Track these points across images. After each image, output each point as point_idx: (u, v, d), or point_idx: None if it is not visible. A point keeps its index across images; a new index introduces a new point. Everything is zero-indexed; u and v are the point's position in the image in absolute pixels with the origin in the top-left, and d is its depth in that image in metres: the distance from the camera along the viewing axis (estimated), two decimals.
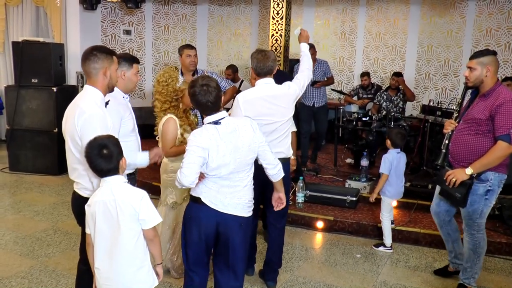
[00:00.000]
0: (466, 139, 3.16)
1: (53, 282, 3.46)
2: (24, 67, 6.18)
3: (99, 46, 2.54)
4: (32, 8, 7.60)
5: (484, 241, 3.30)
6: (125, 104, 2.95)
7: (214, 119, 2.49)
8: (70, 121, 2.39)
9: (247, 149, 2.51)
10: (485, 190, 3.14)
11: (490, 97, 3.08)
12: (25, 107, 6.25)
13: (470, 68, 3.15)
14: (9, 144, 6.43)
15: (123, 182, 2.25)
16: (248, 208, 2.62)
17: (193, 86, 2.50)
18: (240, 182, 2.55)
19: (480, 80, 3.12)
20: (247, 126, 2.55)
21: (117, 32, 8.06)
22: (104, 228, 2.21)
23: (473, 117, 3.14)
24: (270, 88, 3.18)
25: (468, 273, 3.36)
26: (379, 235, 4.42)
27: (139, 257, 2.27)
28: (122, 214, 2.18)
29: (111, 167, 2.20)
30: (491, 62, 3.09)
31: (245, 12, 8.73)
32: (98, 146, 2.17)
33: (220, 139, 2.45)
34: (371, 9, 8.06)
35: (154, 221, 2.25)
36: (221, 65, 8.83)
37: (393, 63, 8.00)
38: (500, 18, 7.12)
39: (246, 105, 3.09)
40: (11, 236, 4.29)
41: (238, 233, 2.57)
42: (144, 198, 2.22)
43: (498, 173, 3.12)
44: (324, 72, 6.17)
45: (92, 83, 2.47)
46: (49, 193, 5.60)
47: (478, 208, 3.19)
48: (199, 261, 2.64)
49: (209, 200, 2.52)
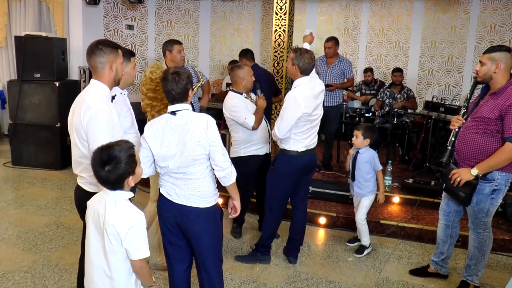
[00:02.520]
0: (473, 138, 3.08)
1: (56, 277, 3.47)
2: (26, 62, 6.18)
3: (104, 40, 2.53)
4: (35, 2, 7.57)
5: (490, 240, 3.27)
6: (123, 101, 2.89)
7: (172, 109, 2.51)
8: (76, 116, 2.38)
9: (195, 144, 2.45)
10: (491, 190, 3.09)
11: (501, 95, 2.98)
12: (27, 101, 6.25)
13: (481, 63, 3.07)
14: (12, 138, 6.44)
15: (122, 200, 2.05)
16: (205, 198, 2.55)
17: (165, 73, 2.55)
18: (193, 176, 2.51)
19: (489, 76, 3.03)
20: (201, 122, 2.49)
21: (119, 27, 8.04)
22: (91, 235, 2.13)
23: (481, 116, 3.05)
24: (314, 85, 3.52)
25: (471, 270, 3.35)
26: (382, 231, 4.42)
27: (119, 282, 2.09)
28: (106, 233, 2.01)
29: (113, 182, 2.01)
30: (502, 58, 2.99)
31: (248, 8, 8.69)
32: (102, 159, 1.98)
33: (170, 129, 2.48)
34: (374, 4, 8.02)
35: (139, 255, 2.03)
36: (223, 60, 8.81)
37: (396, 59, 7.97)
38: (505, 14, 7.08)
39: (306, 102, 3.37)
40: (14, 230, 4.30)
41: (196, 223, 2.54)
42: (134, 227, 2.00)
43: (505, 172, 3.06)
44: (342, 71, 5.81)
45: (98, 77, 2.46)
46: (51, 187, 5.61)
47: (484, 207, 3.15)
48: (171, 252, 2.67)
49: (166, 192, 2.57)
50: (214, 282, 2.68)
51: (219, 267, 2.72)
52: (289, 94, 3.40)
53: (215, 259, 2.68)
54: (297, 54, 3.41)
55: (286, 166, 3.55)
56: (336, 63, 5.77)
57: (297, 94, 3.36)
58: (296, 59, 3.41)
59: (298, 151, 3.51)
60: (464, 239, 4.14)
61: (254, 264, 3.77)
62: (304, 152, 3.53)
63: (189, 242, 2.61)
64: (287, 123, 3.36)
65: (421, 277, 3.65)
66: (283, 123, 3.38)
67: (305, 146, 3.52)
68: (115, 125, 2.37)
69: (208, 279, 2.66)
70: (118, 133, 2.54)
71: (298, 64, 3.41)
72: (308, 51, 3.48)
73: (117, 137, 2.52)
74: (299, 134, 3.46)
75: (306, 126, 3.46)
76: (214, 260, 2.67)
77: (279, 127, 3.40)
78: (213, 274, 2.66)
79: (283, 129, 3.38)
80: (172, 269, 2.72)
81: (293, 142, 3.49)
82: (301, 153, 3.52)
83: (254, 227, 4.52)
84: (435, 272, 3.62)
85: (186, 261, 2.71)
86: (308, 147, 3.55)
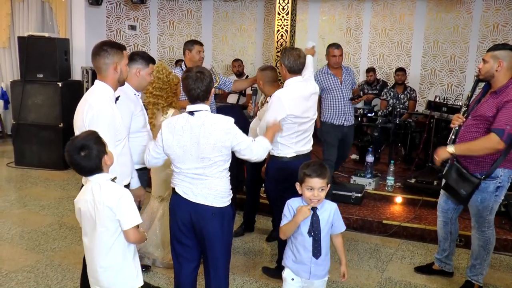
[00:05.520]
0: (474, 136, 3.06)
1: (59, 276, 3.48)
2: (29, 62, 6.20)
3: (108, 41, 2.54)
4: (38, 3, 7.60)
5: (494, 237, 3.28)
6: (136, 101, 2.95)
7: (191, 109, 2.49)
8: (79, 116, 2.41)
9: (210, 147, 2.43)
10: (495, 187, 3.10)
11: (501, 94, 2.97)
12: (30, 102, 6.27)
13: (484, 60, 3.07)
14: (15, 138, 6.46)
15: (105, 181, 2.17)
16: (221, 198, 2.54)
17: (188, 71, 2.53)
18: (210, 176, 2.51)
19: (490, 74, 3.03)
20: (218, 124, 2.46)
21: (122, 27, 8.06)
22: (86, 227, 2.21)
23: (482, 114, 3.04)
24: (305, 86, 3.28)
25: (477, 270, 3.34)
26: (384, 231, 4.42)
27: (116, 260, 2.21)
28: (98, 214, 2.13)
29: (92, 167, 2.13)
30: (505, 57, 2.98)
31: (250, 8, 8.70)
32: (76, 148, 2.10)
33: (186, 130, 2.46)
34: (376, 4, 8.01)
35: (131, 222, 2.15)
36: (226, 60, 8.82)
37: (399, 59, 7.96)
38: (508, 13, 7.07)
39: (291, 104, 3.14)
40: (17, 230, 4.31)
41: (211, 222, 2.53)
42: (122, 197, 2.14)
43: (508, 169, 3.08)
44: (351, 80, 4.99)
45: (102, 78, 2.48)
46: (54, 187, 5.62)
47: (489, 205, 3.15)
48: (181, 252, 2.66)
49: (182, 191, 2.54)
50: (221, 282, 2.67)
51: (228, 267, 2.72)
52: (274, 94, 3.21)
53: (226, 259, 2.68)
54: (282, 54, 3.26)
55: (276, 173, 3.31)
56: (344, 74, 4.87)
57: (282, 94, 3.16)
58: (282, 58, 3.25)
59: (287, 157, 3.25)
60: (466, 238, 4.14)
61: (257, 265, 3.77)
62: (295, 158, 3.24)
63: (200, 241, 2.60)
64: (268, 123, 3.10)
65: (426, 274, 3.65)
66: (263, 123, 3.16)
67: (295, 151, 3.25)
68: (117, 126, 2.38)
69: (215, 278, 2.65)
70: (121, 133, 2.55)
71: (284, 63, 3.23)
72: (296, 48, 3.30)
73: (120, 138, 2.54)
74: (287, 138, 3.21)
75: (293, 129, 3.20)
76: (225, 260, 2.67)
77: (260, 127, 3.21)
78: (221, 274, 2.66)
79: (263, 128, 3.12)
80: (180, 269, 2.70)
81: (281, 147, 3.24)
82: (291, 159, 3.24)
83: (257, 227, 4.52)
84: (440, 270, 3.63)
85: (195, 261, 2.71)
86: (299, 152, 3.27)
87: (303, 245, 2.48)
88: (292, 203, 2.52)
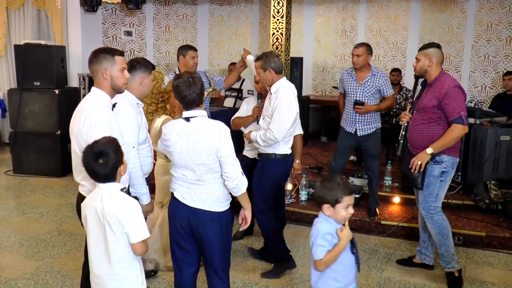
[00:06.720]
0: (420, 128, 3.38)
1: (59, 283, 3.48)
2: (26, 70, 6.21)
3: (101, 48, 2.54)
4: (34, 11, 7.63)
5: (446, 221, 3.44)
6: (141, 113, 2.86)
7: (187, 115, 2.50)
8: (76, 124, 2.40)
9: (205, 154, 2.44)
10: (440, 172, 3.32)
11: (435, 85, 3.31)
12: (27, 110, 6.28)
13: (417, 59, 3.40)
14: (13, 147, 6.46)
15: (116, 191, 2.18)
16: (220, 203, 2.56)
17: (178, 78, 2.52)
18: (207, 182, 2.52)
19: (424, 69, 3.36)
20: (214, 130, 2.47)
21: (118, 33, 8.08)
22: (92, 233, 2.21)
23: (424, 106, 3.36)
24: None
25: (446, 257, 3.46)
26: (383, 232, 4.43)
27: (123, 268, 2.21)
28: (107, 224, 2.13)
29: (107, 174, 2.14)
30: (434, 53, 3.33)
31: (246, 11, 8.73)
32: (94, 153, 2.10)
33: (182, 136, 2.47)
34: (371, 6, 8.05)
35: (139, 236, 2.16)
36: (222, 64, 8.83)
37: (394, 59, 7.99)
38: (501, 12, 7.11)
39: (294, 103, 3.40)
40: (16, 238, 4.31)
41: (210, 227, 2.54)
42: (132, 211, 2.14)
43: (452, 156, 3.32)
44: (377, 88, 4.37)
45: (97, 85, 2.49)
46: (53, 195, 5.62)
47: (434, 190, 3.35)
48: (181, 257, 2.66)
49: (180, 195, 2.56)
50: (222, 286, 2.68)
51: (228, 270, 2.73)
52: (281, 97, 3.32)
53: (226, 263, 2.69)
54: (264, 59, 3.38)
55: (279, 170, 3.52)
56: (368, 77, 4.35)
57: (289, 95, 3.37)
58: (266, 63, 3.36)
59: (287, 153, 3.50)
60: (464, 237, 4.17)
61: (256, 268, 3.78)
62: (291, 154, 3.58)
63: (200, 246, 2.61)
64: (285, 125, 3.33)
65: (407, 267, 3.78)
66: (281, 126, 3.31)
67: (289, 147, 3.53)
68: (115, 134, 2.39)
69: (219, 280, 2.66)
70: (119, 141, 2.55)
71: (271, 66, 3.36)
72: (270, 51, 3.45)
73: None
74: (288, 136, 3.46)
75: (293, 127, 3.47)
76: (225, 264, 2.68)
77: (277, 130, 3.29)
78: (224, 278, 2.68)
79: (283, 130, 3.32)
80: (181, 273, 2.71)
81: (282, 144, 3.43)
82: (289, 155, 3.54)
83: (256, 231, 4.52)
84: (421, 263, 3.75)
85: (194, 265, 2.72)
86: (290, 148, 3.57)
87: (347, 266, 2.32)
88: (324, 230, 2.30)
